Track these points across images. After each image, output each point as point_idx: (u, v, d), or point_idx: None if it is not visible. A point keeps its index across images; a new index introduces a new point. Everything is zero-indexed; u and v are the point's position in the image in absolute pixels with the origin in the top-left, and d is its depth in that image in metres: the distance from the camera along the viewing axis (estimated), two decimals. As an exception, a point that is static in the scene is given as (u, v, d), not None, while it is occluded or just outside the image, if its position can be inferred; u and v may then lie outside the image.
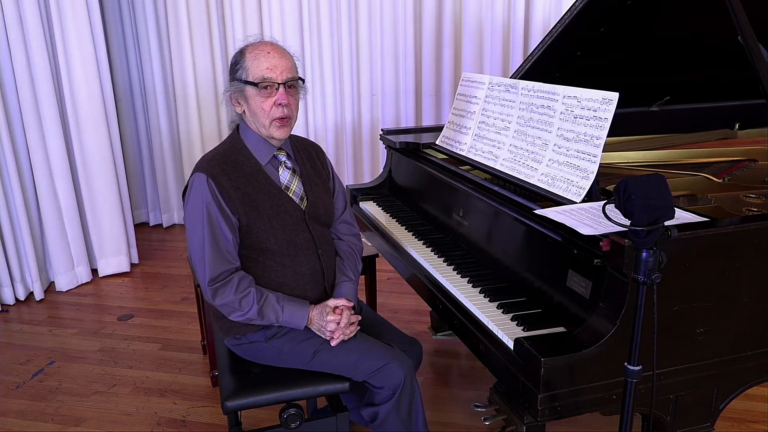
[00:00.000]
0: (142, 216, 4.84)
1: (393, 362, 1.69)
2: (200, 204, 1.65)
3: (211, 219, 1.65)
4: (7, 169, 3.29)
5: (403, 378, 1.68)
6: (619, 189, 1.14)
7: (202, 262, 1.66)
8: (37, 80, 3.34)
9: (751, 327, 1.50)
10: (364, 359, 1.70)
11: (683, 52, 2.30)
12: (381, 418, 1.72)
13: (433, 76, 4.14)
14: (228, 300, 1.66)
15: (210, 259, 1.65)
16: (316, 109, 4.20)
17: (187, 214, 1.70)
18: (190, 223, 1.68)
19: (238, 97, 1.71)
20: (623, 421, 1.28)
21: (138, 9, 4.32)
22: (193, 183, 1.67)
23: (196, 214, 1.66)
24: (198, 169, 1.68)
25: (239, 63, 1.68)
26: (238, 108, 1.73)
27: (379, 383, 1.69)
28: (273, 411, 1.81)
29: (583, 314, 1.43)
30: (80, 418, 2.43)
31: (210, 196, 1.64)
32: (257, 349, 1.77)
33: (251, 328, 1.74)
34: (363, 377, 1.71)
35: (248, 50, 1.68)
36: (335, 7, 4.01)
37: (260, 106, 1.67)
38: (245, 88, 1.68)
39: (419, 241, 2.15)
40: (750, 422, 2.28)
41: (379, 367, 1.69)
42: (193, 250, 1.69)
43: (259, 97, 1.67)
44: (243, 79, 1.67)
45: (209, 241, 1.65)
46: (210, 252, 1.65)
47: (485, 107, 2.10)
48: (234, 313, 1.68)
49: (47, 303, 3.49)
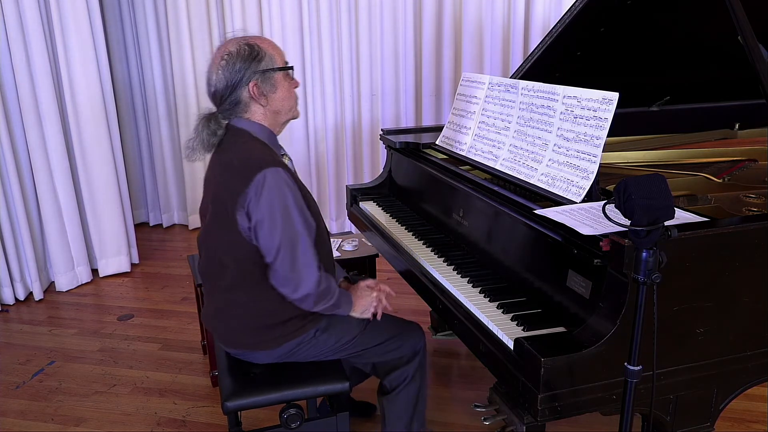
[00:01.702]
0: (142, 216, 4.85)
1: (417, 329, 1.90)
2: (286, 197, 1.59)
3: (301, 208, 1.63)
4: (7, 169, 3.29)
5: (423, 339, 1.89)
6: (619, 189, 1.14)
7: (301, 255, 1.62)
8: (37, 80, 3.34)
9: (751, 327, 1.50)
10: (397, 326, 1.87)
11: (683, 52, 2.30)
12: (408, 379, 1.85)
13: (433, 76, 4.14)
14: (325, 285, 1.68)
15: (311, 248, 1.65)
16: (316, 109, 4.19)
17: (267, 213, 1.59)
18: (280, 219, 1.59)
19: (265, 89, 1.67)
20: (623, 421, 1.28)
21: (138, 9, 4.32)
22: (267, 179, 1.57)
23: (282, 209, 1.59)
24: (264, 165, 1.58)
25: (260, 53, 1.65)
26: (263, 101, 1.68)
27: (405, 349, 1.84)
28: (273, 411, 1.81)
29: (583, 314, 1.43)
30: (80, 418, 2.43)
31: (294, 184, 1.63)
32: (307, 348, 1.76)
33: (302, 330, 1.74)
34: (397, 345, 1.84)
35: (258, 42, 1.68)
36: (335, 7, 4.01)
37: (289, 90, 1.73)
38: (275, 75, 1.68)
39: (419, 241, 2.15)
40: (750, 422, 2.28)
41: (410, 331, 1.87)
42: (287, 246, 1.61)
43: (287, 81, 1.72)
44: (274, 66, 1.67)
45: (306, 233, 1.63)
46: (309, 240, 1.64)
47: (485, 107, 2.10)
48: (325, 298, 1.69)
49: (47, 303, 3.49)
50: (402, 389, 1.86)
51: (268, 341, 1.73)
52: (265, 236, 1.61)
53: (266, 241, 1.61)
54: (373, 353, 1.85)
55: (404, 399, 1.87)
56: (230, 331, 1.77)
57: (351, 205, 2.74)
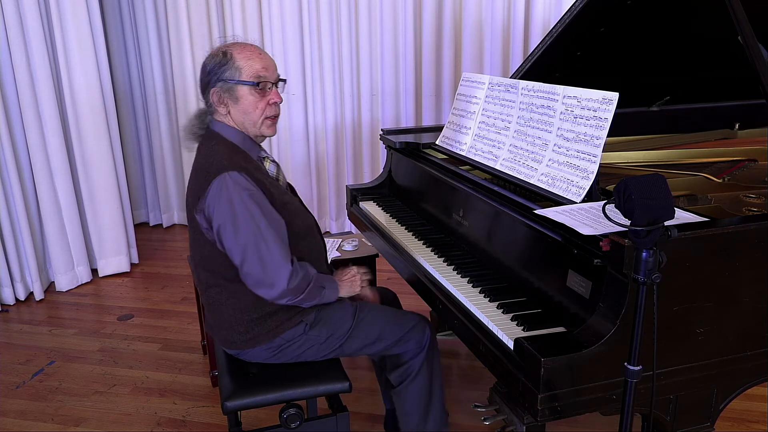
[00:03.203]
0: (142, 216, 4.85)
1: (420, 321, 1.87)
2: (244, 199, 1.59)
3: (262, 207, 1.62)
4: (7, 169, 3.29)
5: (429, 332, 1.86)
6: (619, 189, 1.14)
7: (268, 255, 1.61)
8: (37, 80, 3.34)
9: (751, 327, 1.50)
10: (397, 320, 1.85)
11: (683, 52, 2.30)
12: (414, 373, 1.83)
13: (433, 76, 4.14)
14: (298, 281, 1.65)
15: (280, 246, 1.63)
16: (316, 109, 4.19)
17: (229, 217, 1.60)
18: (241, 221, 1.60)
19: (225, 98, 1.69)
20: (623, 421, 1.28)
21: (138, 9, 4.32)
22: (224, 183, 1.59)
23: (243, 211, 1.59)
24: (221, 170, 1.61)
25: (226, 64, 1.66)
26: (223, 109, 1.71)
27: (407, 341, 1.83)
28: (273, 411, 1.81)
29: (583, 314, 1.43)
30: (80, 418, 2.43)
31: (253, 187, 1.61)
32: (299, 345, 1.75)
33: (289, 324, 1.73)
34: (397, 338, 1.82)
35: (235, 51, 1.68)
36: (335, 6, 4.01)
37: (255, 105, 1.69)
38: (237, 88, 1.67)
39: (419, 241, 2.15)
40: (750, 422, 2.28)
41: (412, 325, 1.84)
42: (251, 247, 1.61)
43: (254, 96, 1.68)
44: (236, 79, 1.66)
45: (271, 232, 1.62)
46: (276, 239, 1.63)
47: (485, 107, 2.10)
48: (301, 294, 1.67)
49: (47, 303, 3.49)
50: (408, 384, 1.84)
51: (258, 337, 1.73)
52: (230, 240, 1.63)
53: (231, 244, 1.63)
54: (373, 349, 1.83)
55: (412, 395, 1.85)
56: (222, 329, 1.78)
57: (351, 205, 2.74)
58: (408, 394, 1.85)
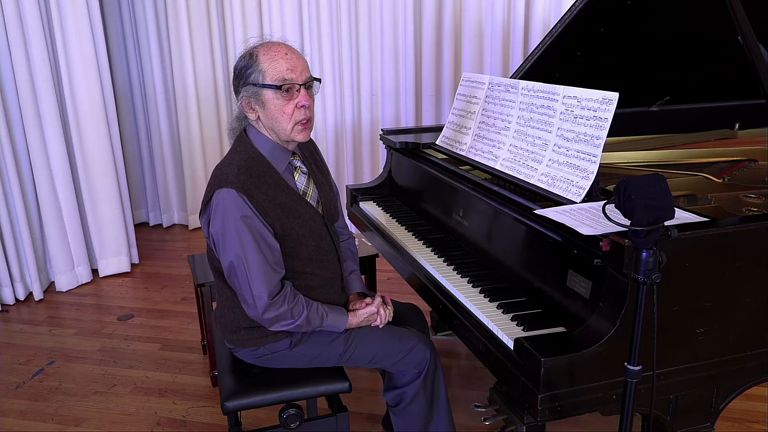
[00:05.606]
0: (142, 216, 4.84)
1: (419, 343, 1.77)
2: (236, 220, 1.54)
3: (254, 233, 1.55)
4: (7, 169, 3.29)
5: (429, 356, 1.77)
6: (619, 189, 1.14)
7: (248, 279, 1.57)
8: (37, 80, 3.34)
9: (751, 327, 1.50)
10: (393, 345, 1.75)
11: (683, 52, 2.30)
12: (408, 399, 1.77)
13: (433, 76, 4.14)
14: (281, 311, 1.59)
15: (263, 274, 1.56)
16: (316, 109, 4.19)
17: (220, 232, 1.57)
18: (229, 240, 1.56)
19: (253, 103, 1.60)
20: (623, 421, 1.28)
21: (138, 9, 4.32)
22: (222, 198, 1.55)
23: (232, 231, 1.55)
24: (224, 183, 1.55)
25: (251, 66, 1.57)
26: (252, 114, 1.62)
27: (405, 365, 1.75)
28: (273, 411, 1.81)
29: (583, 314, 1.43)
30: (80, 418, 2.43)
31: (247, 209, 1.54)
32: (282, 358, 1.74)
33: (273, 338, 1.70)
34: (393, 362, 1.75)
35: (260, 52, 1.58)
36: (335, 6, 4.01)
37: (282, 110, 1.58)
38: (262, 92, 1.57)
39: (419, 241, 2.15)
40: (750, 422, 2.28)
41: (408, 349, 1.75)
42: (235, 267, 1.57)
43: (279, 100, 1.58)
44: (260, 82, 1.56)
45: (257, 257, 1.56)
46: (260, 267, 1.56)
47: (485, 107, 2.10)
48: (282, 323, 1.61)
49: (47, 303, 3.49)
50: (404, 408, 1.78)
51: (242, 340, 1.73)
52: (219, 252, 1.62)
53: (220, 256, 1.62)
54: (366, 367, 1.80)
55: (411, 417, 1.79)
56: (219, 321, 1.81)
57: (351, 205, 2.74)
58: (406, 416, 1.80)
